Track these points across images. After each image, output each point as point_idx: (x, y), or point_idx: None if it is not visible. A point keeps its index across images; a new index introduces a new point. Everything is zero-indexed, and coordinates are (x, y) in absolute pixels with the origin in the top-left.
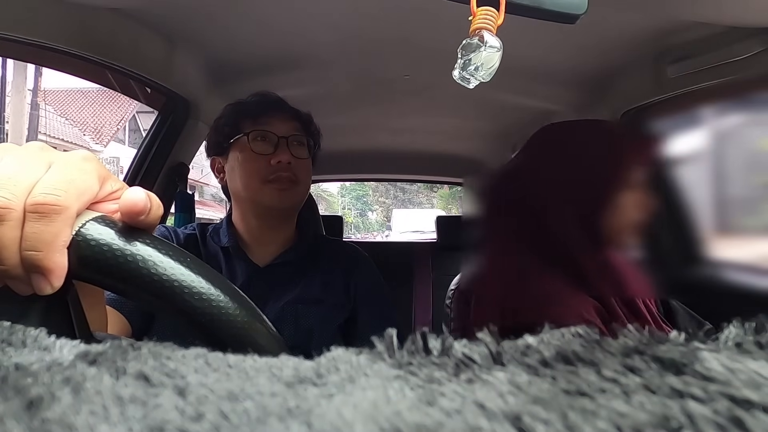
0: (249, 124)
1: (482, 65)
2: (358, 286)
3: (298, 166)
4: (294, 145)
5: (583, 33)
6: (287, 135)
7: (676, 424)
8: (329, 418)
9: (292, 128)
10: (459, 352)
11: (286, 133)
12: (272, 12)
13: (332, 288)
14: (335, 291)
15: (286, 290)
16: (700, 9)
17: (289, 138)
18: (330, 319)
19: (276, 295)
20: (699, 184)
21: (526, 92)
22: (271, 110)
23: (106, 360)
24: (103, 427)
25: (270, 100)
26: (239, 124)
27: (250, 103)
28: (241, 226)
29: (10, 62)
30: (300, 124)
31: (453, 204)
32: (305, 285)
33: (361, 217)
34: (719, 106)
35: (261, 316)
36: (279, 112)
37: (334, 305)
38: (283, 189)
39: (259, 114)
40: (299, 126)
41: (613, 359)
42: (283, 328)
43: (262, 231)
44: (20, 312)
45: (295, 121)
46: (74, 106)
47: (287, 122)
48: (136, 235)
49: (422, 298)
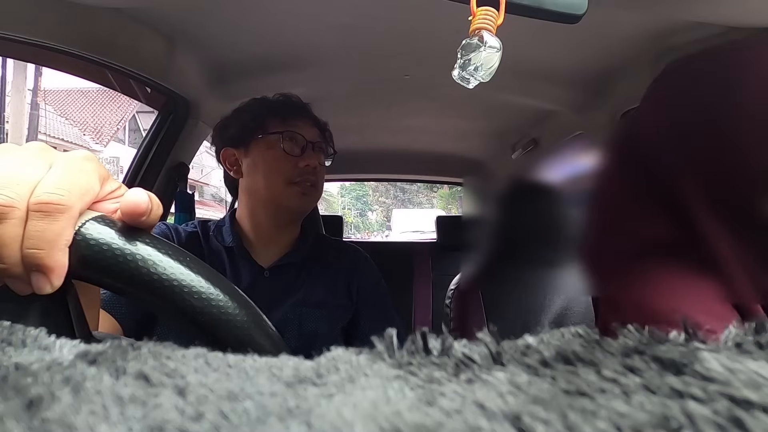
0: (278, 124)
1: (482, 65)
2: (360, 287)
3: (320, 171)
4: (319, 151)
5: (583, 33)
6: (314, 140)
7: (675, 424)
8: (329, 418)
9: (316, 134)
10: (459, 352)
11: (313, 138)
12: (272, 12)
13: (335, 290)
14: (338, 293)
15: (290, 292)
16: (700, 9)
17: (315, 144)
18: (333, 322)
19: (280, 297)
20: None
21: (526, 92)
22: (299, 113)
23: (106, 360)
24: (103, 426)
25: (299, 104)
26: (266, 122)
27: (278, 102)
28: (248, 224)
29: (10, 62)
30: (320, 131)
31: (453, 204)
32: (309, 287)
33: (361, 217)
34: None
35: (261, 315)
36: (305, 117)
37: (337, 307)
38: (305, 193)
39: (287, 115)
40: (320, 133)
41: (613, 359)
42: (286, 331)
43: (270, 231)
44: (20, 312)
45: (317, 127)
46: (74, 106)
47: (312, 128)
48: (135, 234)
49: (422, 298)
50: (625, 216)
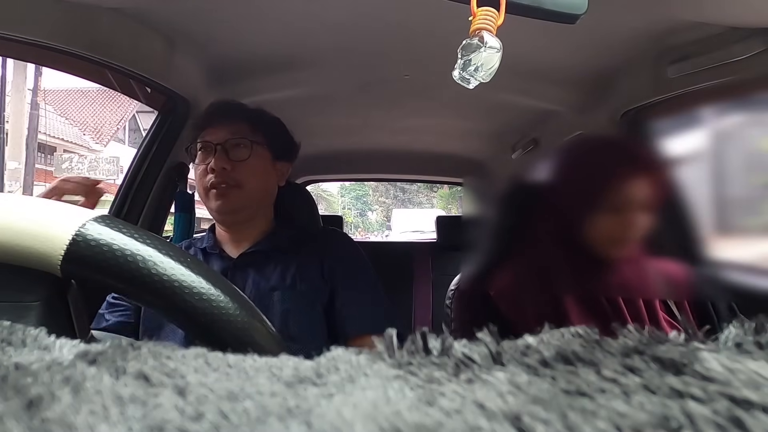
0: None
1: (482, 66)
2: (334, 267)
3: (237, 169)
4: (231, 149)
5: (583, 33)
6: (222, 141)
7: (675, 424)
8: (329, 418)
9: (229, 132)
10: (459, 352)
11: (221, 139)
12: (272, 12)
13: (307, 272)
14: (310, 274)
15: (263, 278)
16: (700, 9)
17: (225, 143)
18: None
19: (252, 283)
20: (699, 185)
21: (526, 92)
22: (213, 119)
23: (106, 360)
24: (102, 426)
25: (212, 109)
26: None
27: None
28: (216, 229)
29: (10, 62)
30: (247, 125)
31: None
32: (281, 272)
33: (361, 216)
34: (719, 106)
35: (261, 316)
36: (220, 119)
37: (309, 288)
38: (221, 194)
39: (203, 125)
40: (245, 128)
41: (612, 359)
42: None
43: (230, 231)
44: (20, 312)
45: (239, 123)
46: (74, 106)
47: (226, 127)
48: (136, 234)
49: (422, 298)
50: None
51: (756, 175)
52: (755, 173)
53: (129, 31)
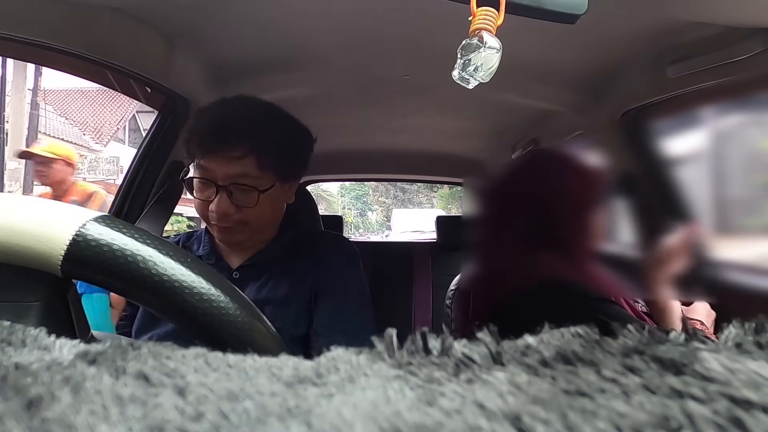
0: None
1: (481, 66)
2: (320, 277)
3: (243, 211)
4: (239, 192)
5: (583, 33)
6: (225, 183)
7: (675, 424)
8: (329, 417)
9: (232, 170)
10: (459, 352)
11: (224, 179)
12: (272, 12)
13: (300, 286)
14: (303, 288)
15: (257, 292)
16: (700, 9)
17: (230, 186)
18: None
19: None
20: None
21: (526, 92)
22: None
23: (106, 360)
24: (102, 426)
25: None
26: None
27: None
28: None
29: (10, 62)
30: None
31: (453, 204)
32: (274, 285)
33: (361, 216)
34: (719, 106)
35: (261, 316)
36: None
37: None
38: (225, 229)
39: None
40: (251, 163)
41: (612, 359)
42: None
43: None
44: (20, 312)
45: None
46: (74, 106)
47: (228, 162)
48: (136, 234)
49: (422, 298)
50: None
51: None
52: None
53: (129, 31)
